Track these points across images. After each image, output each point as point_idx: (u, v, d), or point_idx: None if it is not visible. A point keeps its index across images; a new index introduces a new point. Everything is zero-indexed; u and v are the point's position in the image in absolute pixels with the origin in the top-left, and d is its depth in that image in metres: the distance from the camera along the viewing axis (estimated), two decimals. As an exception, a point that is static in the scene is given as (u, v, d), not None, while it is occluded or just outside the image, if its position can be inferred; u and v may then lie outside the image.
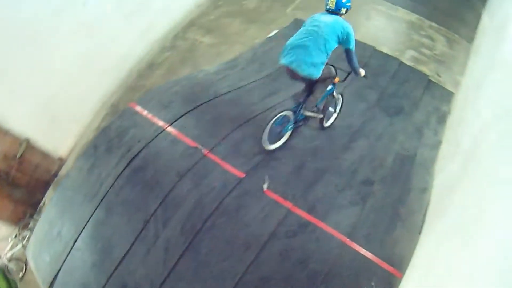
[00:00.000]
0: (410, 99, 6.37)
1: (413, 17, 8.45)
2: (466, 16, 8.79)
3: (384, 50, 7.30)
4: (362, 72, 4.46)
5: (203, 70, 5.98)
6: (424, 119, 6.03)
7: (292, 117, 4.48)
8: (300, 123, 4.75)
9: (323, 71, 4.12)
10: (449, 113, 6.24)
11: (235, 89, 5.52)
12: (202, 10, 7.64)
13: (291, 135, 4.78)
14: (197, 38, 6.97)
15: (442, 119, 6.10)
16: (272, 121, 4.29)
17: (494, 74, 4.76)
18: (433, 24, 8.37)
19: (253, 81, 5.78)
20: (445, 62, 7.42)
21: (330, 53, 4.09)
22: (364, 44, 7.09)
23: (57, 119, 5.38)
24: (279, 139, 4.65)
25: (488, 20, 7.60)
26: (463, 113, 5.40)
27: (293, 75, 4.14)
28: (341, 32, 4.01)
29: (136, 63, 6.46)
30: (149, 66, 6.49)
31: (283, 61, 4.11)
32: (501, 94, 3.94)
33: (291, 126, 4.60)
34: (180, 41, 6.95)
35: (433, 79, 6.92)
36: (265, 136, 4.41)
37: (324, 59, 4.07)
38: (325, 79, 4.34)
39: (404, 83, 6.66)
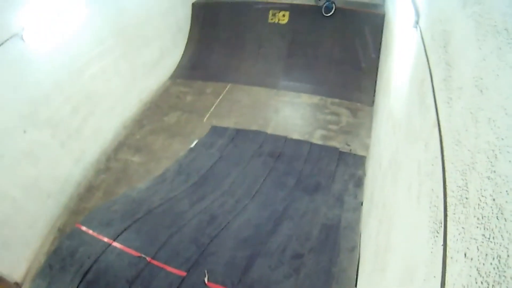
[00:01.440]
0: (325, 174, 7.14)
1: (316, 99, 9.45)
2: (363, 83, 9.58)
3: (295, 136, 8.24)
4: None
5: (135, 188, 6.83)
6: (342, 188, 6.74)
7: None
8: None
9: None
10: (365, 175, 6.87)
11: (166, 201, 6.40)
12: (128, 131, 8.64)
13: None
14: (127, 158, 7.88)
15: (359, 182, 6.81)
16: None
17: (385, 126, 5.50)
18: (335, 100, 9.38)
19: (182, 191, 6.68)
20: (352, 131, 8.32)
21: None
22: (277, 136, 8.18)
23: (8, 245, 5.80)
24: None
25: (379, 80, 8.36)
26: (372, 170, 6.07)
27: None
28: None
29: (76, 187, 7.17)
30: (88, 189, 7.23)
31: None
32: (390, 143, 4.57)
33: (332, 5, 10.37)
34: (112, 162, 7.82)
35: (343, 150, 7.77)
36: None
37: None
38: None
39: (318, 162, 7.48)
